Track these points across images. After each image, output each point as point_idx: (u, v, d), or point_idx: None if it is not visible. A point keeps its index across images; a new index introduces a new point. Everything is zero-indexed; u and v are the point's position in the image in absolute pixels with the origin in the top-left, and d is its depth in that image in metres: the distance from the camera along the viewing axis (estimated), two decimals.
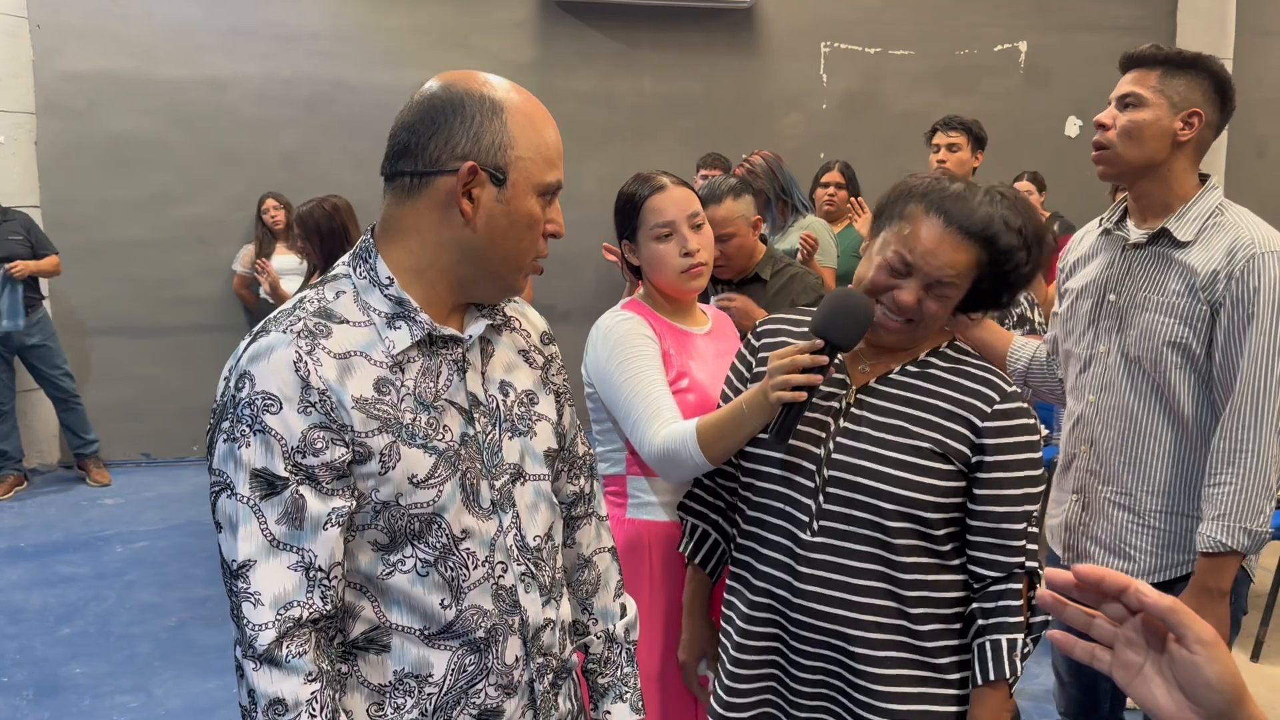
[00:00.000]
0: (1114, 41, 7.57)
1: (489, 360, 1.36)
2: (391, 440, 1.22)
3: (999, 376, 1.68)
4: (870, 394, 1.69)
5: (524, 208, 1.27)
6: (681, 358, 2.07)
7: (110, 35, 6.29)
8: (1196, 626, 0.79)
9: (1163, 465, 2.08)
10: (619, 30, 6.96)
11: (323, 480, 1.19)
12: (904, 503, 1.61)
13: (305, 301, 1.27)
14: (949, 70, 7.39)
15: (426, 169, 1.25)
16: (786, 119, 7.24)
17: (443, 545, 1.26)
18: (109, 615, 4.27)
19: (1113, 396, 2.13)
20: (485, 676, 1.31)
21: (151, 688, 3.65)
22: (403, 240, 1.28)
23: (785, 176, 4.28)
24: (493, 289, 1.33)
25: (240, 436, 1.18)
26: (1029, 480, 1.65)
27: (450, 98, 1.25)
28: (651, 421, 1.91)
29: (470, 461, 1.29)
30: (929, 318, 1.65)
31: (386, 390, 1.23)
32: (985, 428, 1.63)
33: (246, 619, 1.18)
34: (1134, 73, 2.10)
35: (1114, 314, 2.14)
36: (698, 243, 2.09)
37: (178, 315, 6.51)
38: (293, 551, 1.18)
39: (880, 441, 1.64)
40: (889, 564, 1.63)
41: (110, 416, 6.45)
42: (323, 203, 3.93)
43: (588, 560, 1.56)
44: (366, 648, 1.27)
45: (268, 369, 1.18)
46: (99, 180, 6.32)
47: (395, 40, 6.59)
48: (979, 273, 1.63)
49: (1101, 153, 2.12)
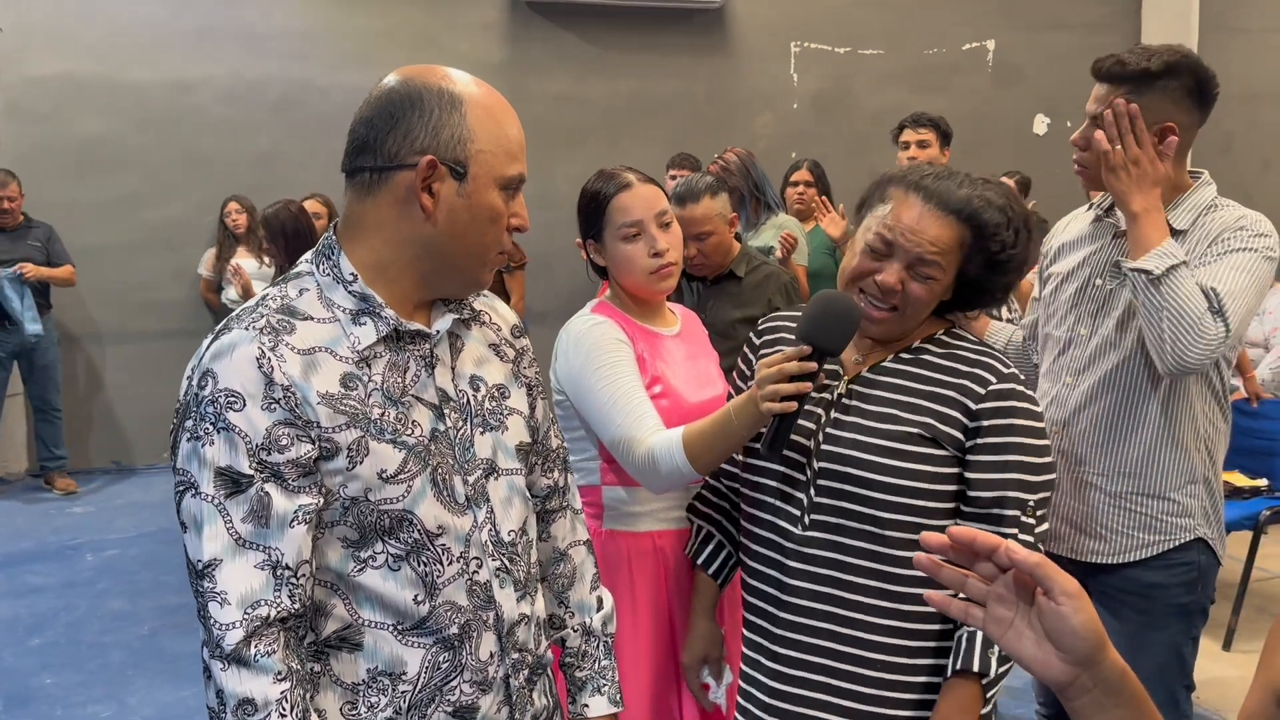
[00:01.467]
0: (1081, 39, 7.66)
1: (459, 355, 1.35)
2: (360, 435, 1.21)
3: (996, 359, 1.62)
4: (862, 383, 1.64)
5: (485, 201, 1.26)
6: (654, 361, 2.00)
7: (74, 38, 6.22)
8: (1061, 580, 0.86)
9: (1139, 449, 2.09)
10: (590, 31, 6.95)
11: (288, 477, 1.18)
12: (896, 491, 1.55)
13: (268, 299, 1.25)
14: (918, 69, 7.44)
15: (385, 164, 1.23)
16: (758, 119, 7.26)
17: (414, 540, 1.25)
18: (80, 624, 4.21)
19: (1090, 379, 2.13)
20: (460, 673, 1.29)
21: (124, 696, 3.60)
22: (365, 237, 1.27)
23: (758, 174, 4.29)
24: (457, 283, 1.32)
25: (204, 435, 1.16)
26: (1025, 466, 1.56)
27: (408, 92, 1.24)
28: (635, 430, 1.83)
29: (442, 457, 1.28)
30: (913, 302, 1.58)
31: (353, 385, 1.22)
32: (979, 409, 1.57)
33: (213, 619, 1.16)
34: (1103, 88, 2.07)
35: (1099, 298, 2.13)
36: (666, 242, 2.01)
37: (146, 320, 6.44)
38: (259, 550, 1.17)
39: (870, 430, 1.58)
40: (882, 558, 1.57)
41: (80, 423, 6.38)
42: (288, 205, 3.92)
43: (563, 554, 1.54)
44: (339, 646, 1.25)
45: (230, 366, 1.17)
46: (64, 184, 6.25)
47: (364, 41, 6.56)
48: (964, 255, 1.58)
49: (1082, 171, 2.13)
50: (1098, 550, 2.12)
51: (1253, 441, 4.17)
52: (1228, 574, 4.31)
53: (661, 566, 2.02)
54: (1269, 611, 4.21)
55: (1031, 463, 1.57)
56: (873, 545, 1.57)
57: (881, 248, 1.58)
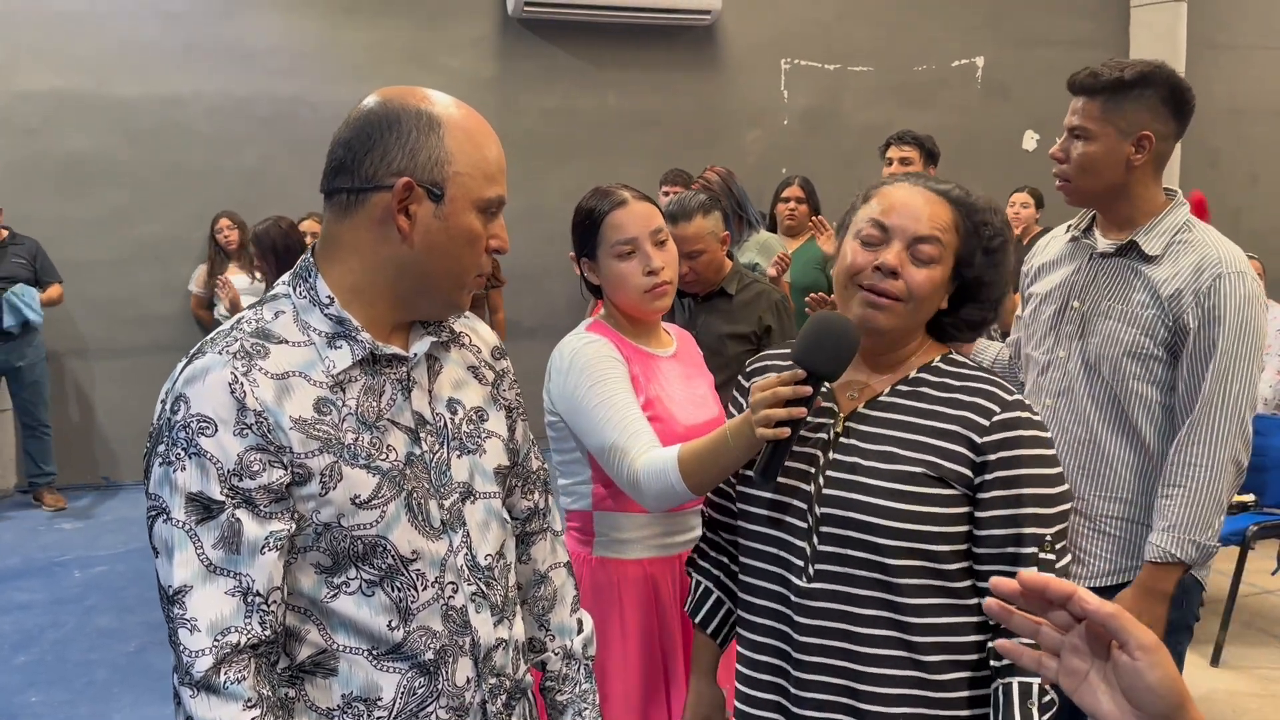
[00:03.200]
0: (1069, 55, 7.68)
1: (436, 378, 1.33)
2: (333, 461, 1.20)
3: (998, 385, 1.51)
4: (859, 420, 1.53)
5: (463, 224, 1.25)
6: (648, 383, 1.96)
7: (64, 53, 6.21)
8: (1138, 632, 0.80)
9: (1118, 473, 2.10)
10: (580, 47, 6.97)
11: (260, 503, 1.17)
12: (904, 536, 1.44)
13: (243, 322, 1.24)
14: (907, 85, 7.47)
15: (363, 185, 1.23)
16: (748, 134, 7.28)
17: (388, 566, 1.24)
18: (67, 642, 4.18)
19: (1070, 402, 2.14)
20: (436, 699, 1.28)
21: (110, 714, 3.58)
22: (342, 258, 1.26)
23: (739, 191, 4.33)
24: (435, 306, 1.31)
25: (175, 460, 1.16)
26: (1039, 499, 1.45)
27: (386, 114, 1.23)
28: (630, 448, 1.79)
29: (417, 481, 1.27)
30: (917, 292, 1.48)
31: (327, 410, 1.21)
32: (985, 443, 1.46)
33: (183, 645, 1.15)
34: (1080, 100, 2.10)
35: (1076, 320, 2.15)
36: (662, 260, 1.97)
37: (136, 335, 6.42)
38: (230, 576, 1.16)
39: (872, 471, 1.48)
40: (895, 607, 1.46)
41: (69, 438, 6.35)
42: (279, 221, 3.92)
43: (543, 576, 1.53)
44: (314, 671, 1.24)
45: (203, 391, 1.16)
46: (53, 199, 6.23)
47: (355, 57, 6.57)
48: (960, 240, 1.51)
49: (1064, 184, 2.16)
50: (1079, 574, 2.12)
51: None
52: (1216, 589, 4.31)
53: (652, 594, 1.99)
54: (1256, 626, 4.22)
55: (1046, 494, 1.47)
56: (884, 594, 1.46)
57: (877, 234, 1.50)
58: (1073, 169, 2.10)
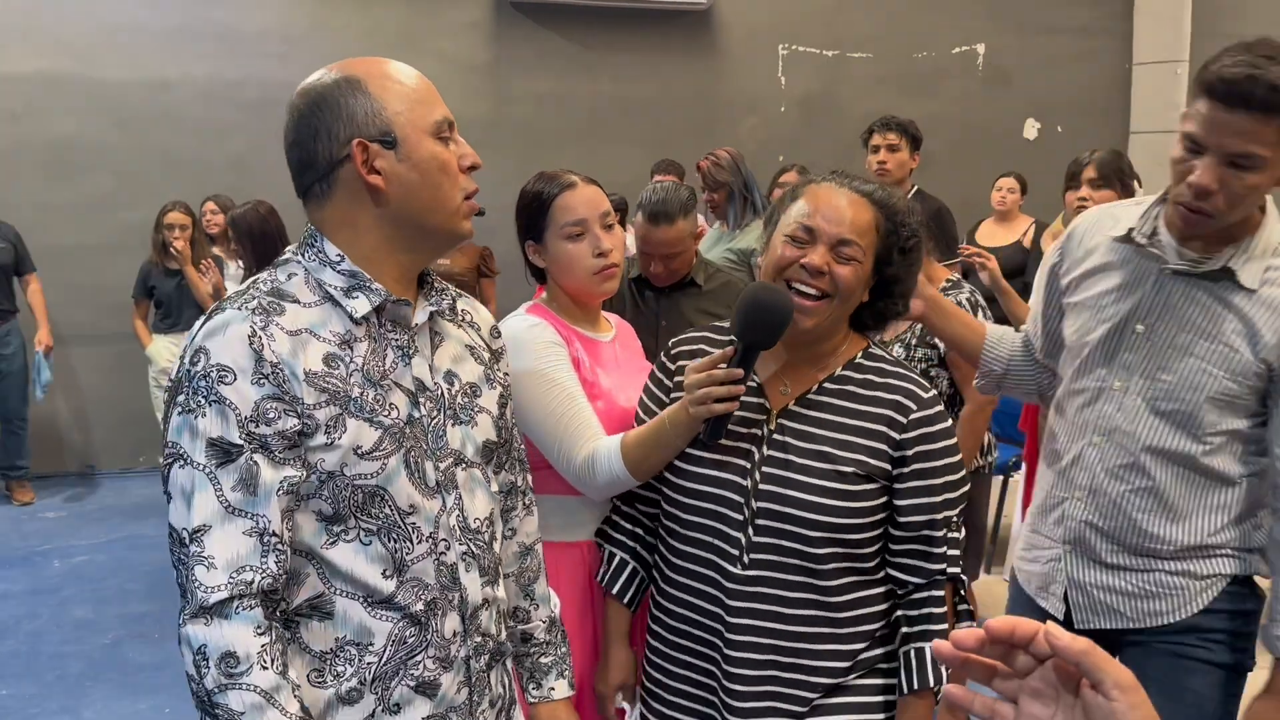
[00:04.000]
0: (1071, 43, 7.59)
1: (437, 349, 1.40)
2: (339, 412, 1.26)
3: (913, 382, 1.67)
4: (790, 418, 1.67)
5: (426, 155, 1.30)
6: (591, 364, 1.98)
7: (50, 35, 6.11)
8: (1115, 671, 0.72)
9: (1182, 529, 1.84)
10: (575, 31, 6.87)
11: (275, 449, 1.23)
12: (830, 529, 1.61)
13: (259, 283, 1.31)
14: (907, 73, 7.36)
15: (326, 169, 1.30)
16: (745, 121, 7.18)
17: (386, 517, 1.30)
18: (41, 634, 4.11)
19: (1124, 443, 1.85)
20: (425, 649, 1.34)
21: (80, 709, 3.51)
22: (337, 235, 1.33)
23: (747, 173, 4.27)
24: (439, 241, 1.37)
25: (196, 407, 1.22)
26: (949, 485, 1.65)
27: (311, 100, 1.30)
28: (576, 439, 1.84)
29: (415, 441, 1.33)
30: (843, 288, 1.61)
31: (335, 365, 1.28)
32: (903, 439, 1.63)
33: (198, 581, 1.20)
34: (1247, 118, 1.60)
35: (1141, 349, 1.82)
36: (610, 242, 1.99)
37: (121, 322, 6.31)
38: (248, 517, 1.22)
39: (807, 469, 1.62)
40: (819, 590, 1.63)
41: (51, 427, 6.28)
42: (257, 206, 3.86)
43: (529, 548, 1.62)
44: (310, 614, 1.29)
45: (223, 343, 1.23)
46: (38, 184, 6.14)
47: (346, 41, 6.46)
48: (880, 241, 1.64)
49: (1201, 218, 1.71)
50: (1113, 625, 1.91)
51: None
52: None
53: (589, 577, 1.99)
54: None
55: (955, 480, 1.66)
56: (810, 579, 1.63)
57: (803, 235, 1.62)
58: (1226, 200, 1.66)
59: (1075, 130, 7.43)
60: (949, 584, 1.66)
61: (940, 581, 1.65)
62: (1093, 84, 7.67)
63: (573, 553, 1.98)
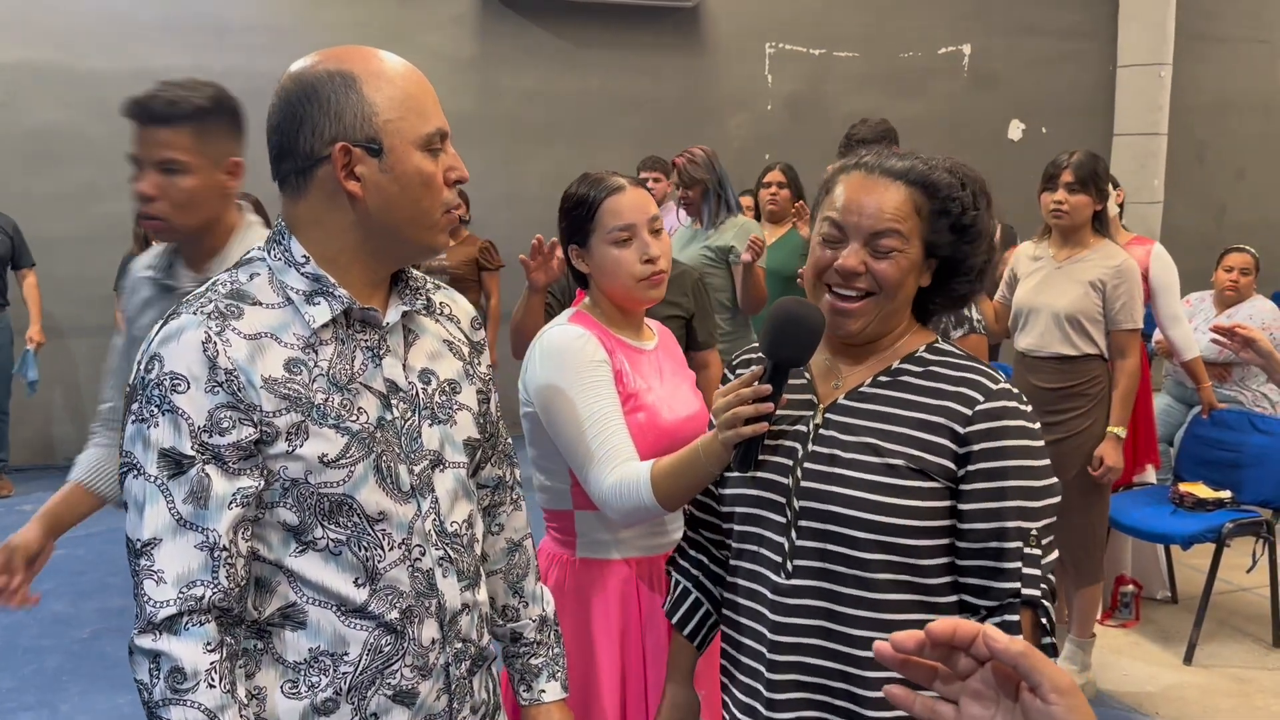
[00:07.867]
0: (1057, 45, 7.63)
1: (411, 347, 1.35)
2: (300, 419, 1.22)
3: (984, 374, 1.44)
4: (839, 412, 1.47)
5: (411, 169, 1.25)
6: (634, 376, 1.91)
7: (33, 24, 6.07)
8: (1052, 674, 0.72)
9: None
10: (562, 27, 6.86)
11: (229, 460, 1.20)
12: (883, 530, 1.38)
13: (218, 284, 1.26)
14: (893, 73, 7.39)
15: (304, 164, 1.25)
16: (731, 119, 7.19)
17: (355, 525, 1.26)
18: (18, 627, 4.08)
19: None
20: (402, 658, 1.30)
21: (57, 703, 3.49)
22: (306, 234, 1.28)
23: (721, 171, 4.26)
24: (411, 252, 1.33)
25: (149, 417, 1.19)
26: (1025, 492, 1.38)
27: (303, 86, 1.24)
28: (606, 462, 1.75)
29: (387, 445, 1.29)
30: (885, 284, 1.43)
31: (297, 370, 1.23)
32: (968, 433, 1.39)
33: (148, 595, 1.18)
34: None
35: None
36: (658, 249, 1.93)
37: (103, 314, 6.28)
38: (198, 531, 1.19)
39: (851, 463, 1.42)
40: (873, 605, 1.40)
41: (36, 418, 6.23)
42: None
43: (517, 544, 1.57)
44: (282, 624, 1.27)
45: (177, 350, 1.19)
46: (19, 175, 6.09)
47: (333, 34, 6.43)
48: (925, 223, 1.44)
49: None
50: None
51: (1216, 453, 4.12)
52: (1191, 586, 4.27)
53: (635, 596, 1.94)
54: (1230, 625, 4.16)
55: (1032, 486, 1.39)
56: (861, 591, 1.40)
57: (835, 233, 1.46)
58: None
59: (1060, 131, 7.47)
60: (1027, 610, 1.38)
61: (1013, 605, 1.38)
62: (1077, 86, 7.72)
63: (615, 570, 1.93)
